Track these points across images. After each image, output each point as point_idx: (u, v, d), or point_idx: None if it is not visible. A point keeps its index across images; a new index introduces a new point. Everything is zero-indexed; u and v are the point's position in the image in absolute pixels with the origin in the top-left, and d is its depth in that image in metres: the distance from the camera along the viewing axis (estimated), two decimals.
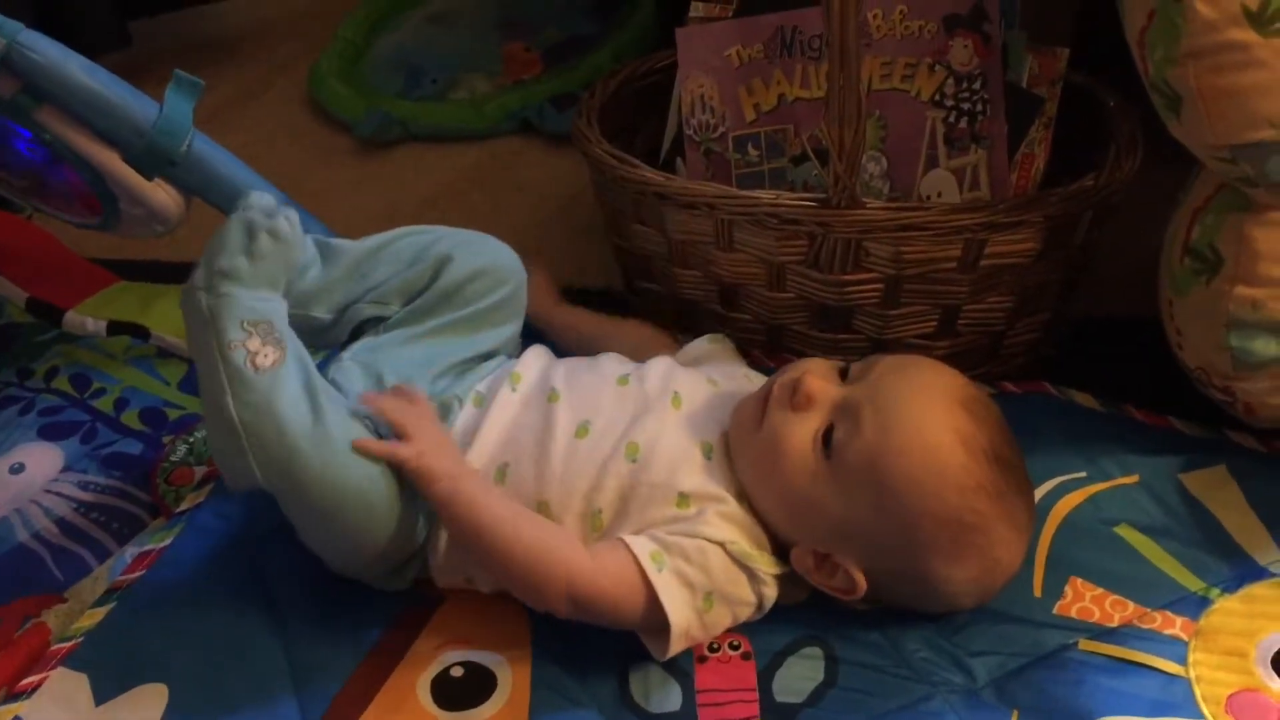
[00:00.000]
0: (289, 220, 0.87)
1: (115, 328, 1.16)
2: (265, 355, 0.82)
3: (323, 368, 0.89)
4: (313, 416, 0.81)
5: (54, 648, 0.88)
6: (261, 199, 0.88)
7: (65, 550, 0.97)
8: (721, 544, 0.83)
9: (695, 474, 0.86)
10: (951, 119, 1.06)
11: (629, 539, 0.83)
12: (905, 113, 1.07)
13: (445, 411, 0.90)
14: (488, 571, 0.86)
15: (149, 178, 1.02)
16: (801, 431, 0.83)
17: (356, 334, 0.97)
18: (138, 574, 0.93)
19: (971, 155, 1.07)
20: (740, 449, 0.87)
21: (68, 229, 1.29)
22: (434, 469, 0.83)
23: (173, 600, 0.90)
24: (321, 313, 0.95)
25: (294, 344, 0.85)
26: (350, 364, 0.92)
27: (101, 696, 0.84)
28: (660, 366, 0.94)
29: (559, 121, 1.52)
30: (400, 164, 1.53)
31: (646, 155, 1.13)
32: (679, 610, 0.81)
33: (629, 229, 1.11)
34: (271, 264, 0.85)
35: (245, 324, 0.82)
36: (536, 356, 0.96)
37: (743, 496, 0.86)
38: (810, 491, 0.83)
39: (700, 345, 1.02)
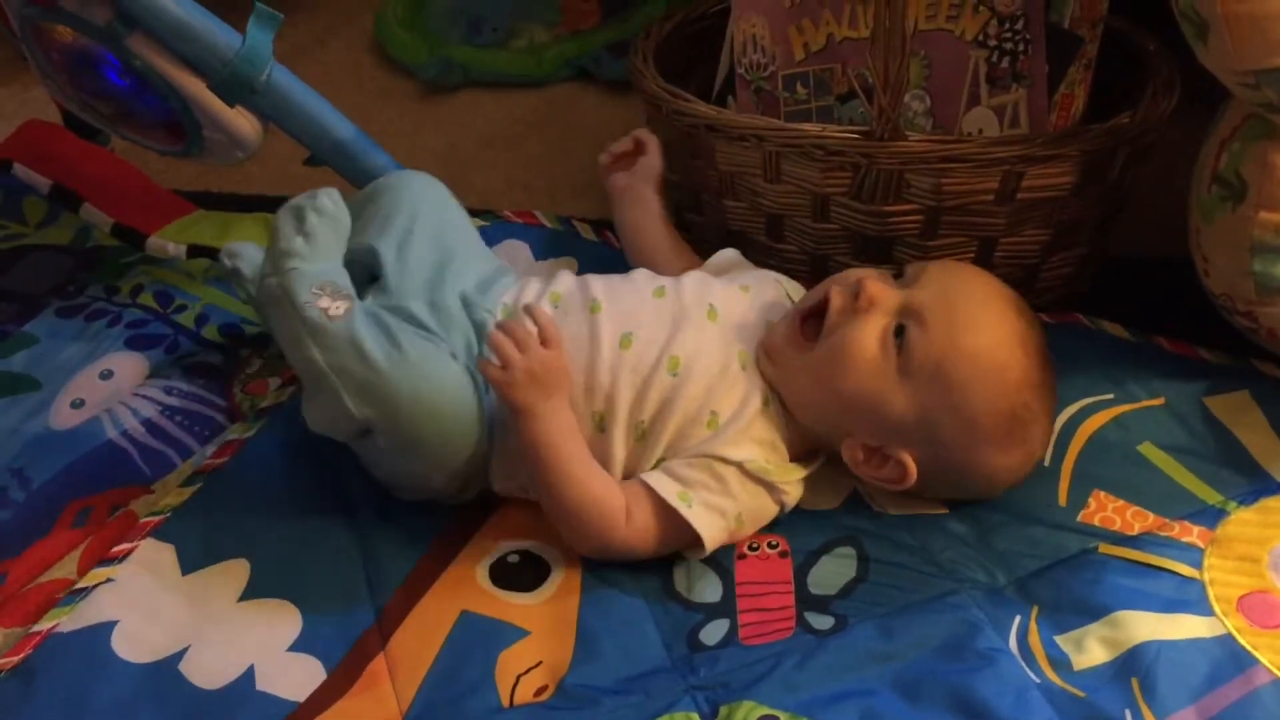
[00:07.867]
0: (330, 197, 0.93)
1: (194, 251, 1.20)
2: (337, 307, 0.88)
3: None
4: (390, 344, 0.87)
5: (143, 520, 0.94)
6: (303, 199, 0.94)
7: (151, 448, 1.03)
8: (739, 464, 0.88)
9: (730, 390, 0.91)
10: (994, 59, 1.10)
11: (654, 483, 0.88)
12: (949, 52, 1.11)
13: (482, 328, 0.94)
14: (540, 500, 0.91)
15: (231, 104, 1.08)
16: (868, 332, 0.88)
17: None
18: (223, 460, 0.99)
19: (1012, 93, 1.10)
20: (786, 360, 0.91)
21: (149, 164, 1.36)
22: (517, 402, 0.87)
23: (255, 486, 0.96)
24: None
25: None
26: (379, 312, 0.92)
27: (188, 566, 0.91)
28: (693, 279, 0.98)
29: (616, 69, 1.57)
30: (461, 108, 1.59)
31: (698, 98, 1.17)
32: (711, 531, 0.88)
33: (680, 163, 1.16)
34: (324, 236, 0.92)
35: (313, 288, 0.89)
36: (568, 275, 1.00)
37: (770, 401, 0.91)
38: (876, 390, 0.88)
39: (726, 255, 1.06)
